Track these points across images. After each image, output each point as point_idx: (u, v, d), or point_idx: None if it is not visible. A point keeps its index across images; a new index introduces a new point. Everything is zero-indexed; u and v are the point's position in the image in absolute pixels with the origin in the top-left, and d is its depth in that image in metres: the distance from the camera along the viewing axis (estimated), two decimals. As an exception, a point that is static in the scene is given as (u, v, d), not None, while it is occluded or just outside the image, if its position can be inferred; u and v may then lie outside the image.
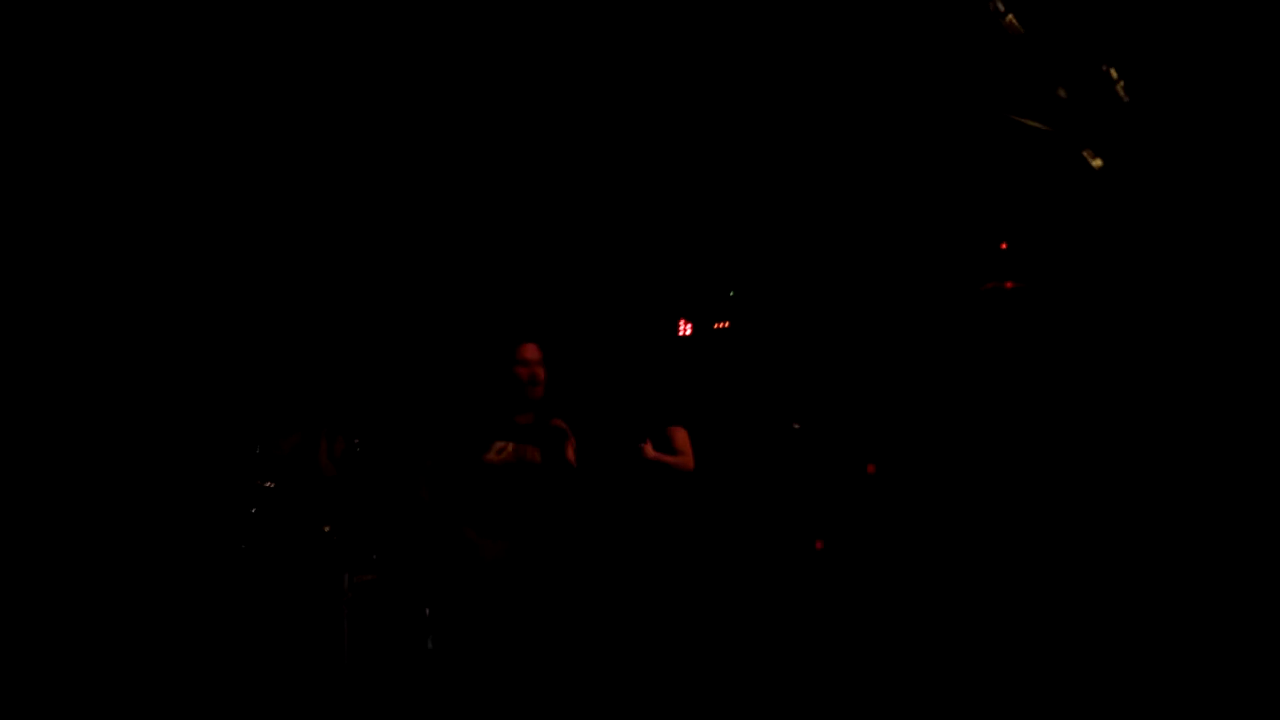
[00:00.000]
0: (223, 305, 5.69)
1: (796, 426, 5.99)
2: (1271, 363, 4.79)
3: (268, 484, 4.66)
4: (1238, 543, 4.77)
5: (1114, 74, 4.59)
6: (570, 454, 4.68)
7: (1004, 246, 6.24)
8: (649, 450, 5.24)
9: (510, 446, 4.61)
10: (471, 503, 4.54)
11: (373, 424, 4.93)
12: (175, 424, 5.32)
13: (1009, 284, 6.22)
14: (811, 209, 6.66)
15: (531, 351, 4.60)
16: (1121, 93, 4.63)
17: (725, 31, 5.42)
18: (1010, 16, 4.42)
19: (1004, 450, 5.88)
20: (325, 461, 4.83)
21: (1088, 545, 5.20)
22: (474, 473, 4.57)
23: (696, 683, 4.55)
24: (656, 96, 5.89)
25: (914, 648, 4.90)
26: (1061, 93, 4.82)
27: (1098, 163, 5.07)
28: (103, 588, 4.61)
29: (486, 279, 6.61)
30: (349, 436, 4.79)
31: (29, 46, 4.77)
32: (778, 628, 5.29)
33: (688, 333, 7.00)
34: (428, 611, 4.43)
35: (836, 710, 4.23)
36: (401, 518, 4.60)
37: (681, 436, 5.45)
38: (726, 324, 6.93)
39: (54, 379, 5.07)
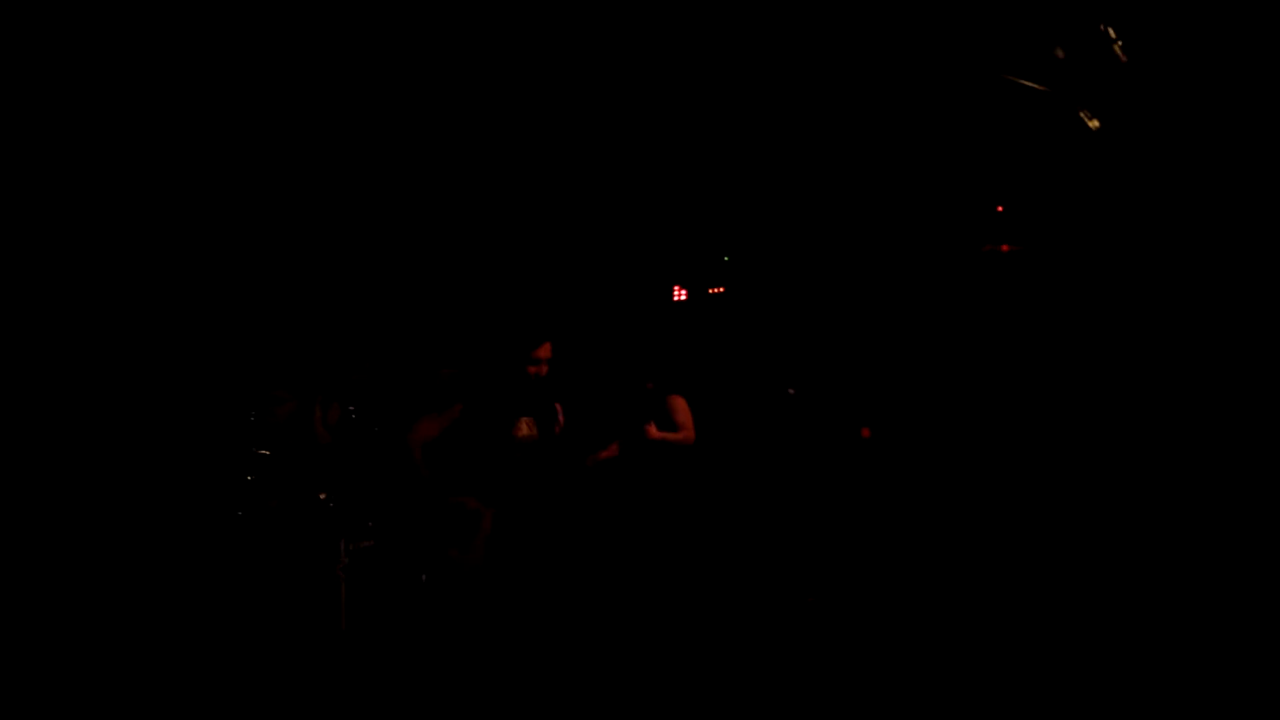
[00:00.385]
0: (219, 273, 5.67)
1: (791, 391, 5.99)
2: (1266, 322, 4.79)
3: (263, 451, 4.67)
4: (1233, 501, 4.80)
5: (1111, 33, 4.55)
6: (560, 418, 4.73)
7: (1000, 209, 6.21)
8: (652, 431, 5.29)
9: (521, 421, 4.67)
10: (472, 473, 4.57)
11: (368, 391, 4.93)
12: (171, 391, 5.32)
13: (1005, 247, 6.21)
14: (806, 172, 6.62)
15: (546, 351, 4.65)
16: (1119, 53, 4.58)
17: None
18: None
19: (999, 413, 5.89)
20: (321, 429, 4.83)
21: (1082, 509, 5.22)
22: (477, 445, 4.60)
23: (700, 652, 4.58)
24: (649, 65, 5.83)
25: (910, 614, 4.94)
26: (1059, 53, 4.77)
27: (1095, 124, 5.03)
28: (97, 555, 4.62)
29: (480, 246, 6.59)
30: (344, 404, 4.80)
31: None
32: (775, 598, 5.32)
33: (683, 298, 6.99)
34: (424, 578, 4.45)
35: (837, 673, 4.27)
36: (398, 485, 4.61)
37: (682, 408, 5.46)
38: (721, 289, 6.93)
39: (48, 346, 5.06)
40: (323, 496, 4.51)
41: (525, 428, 4.71)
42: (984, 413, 5.95)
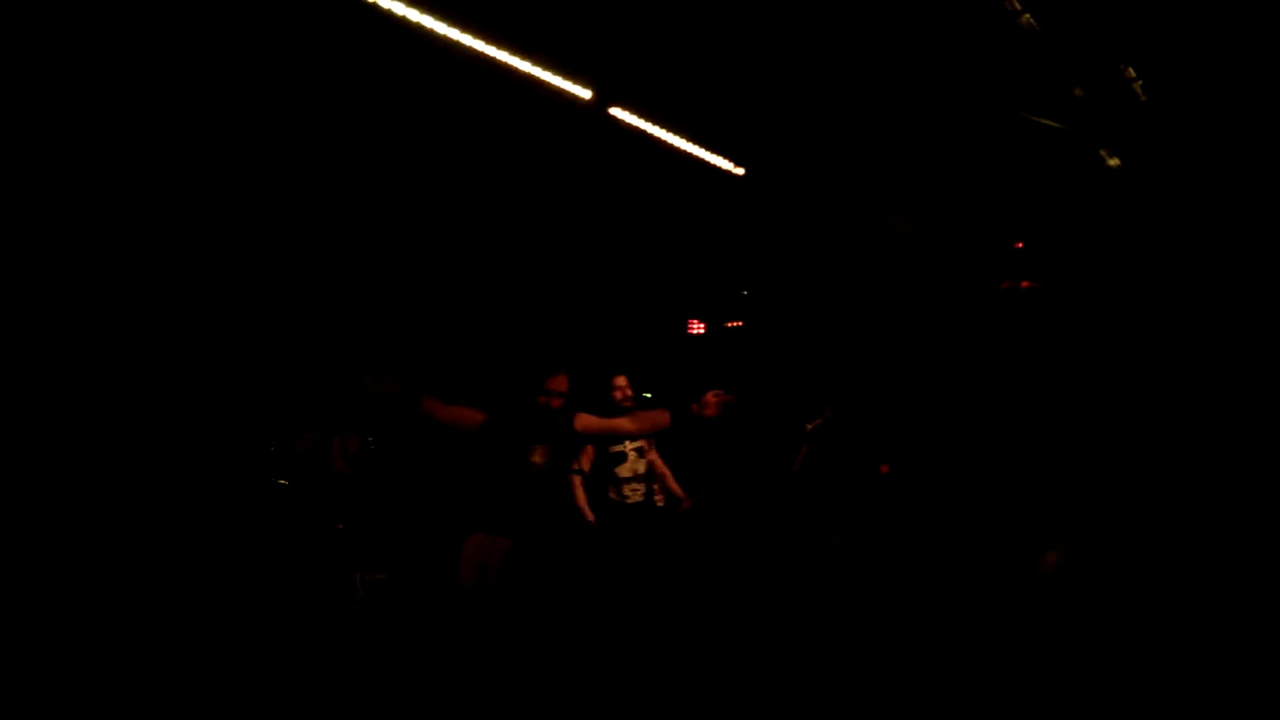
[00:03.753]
0: (240, 306, 5.72)
1: (809, 427, 5.98)
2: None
3: (282, 482, 4.69)
4: (1249, 535, 4.74)
5: (1131, 73, 4.56)
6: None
7: (1019, 246, 6.21)
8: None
9: (537, 449, 4.67)
10: (484, 502, 4.57)
11: (386, 423, 4.95)
12: (192, 423, 5.36)
13: (1025, 283, 6.19)
14: (826, 208, 6.65)
15: (560, 384, 4.64)
16: (1139, 91, 4.59)
17: (735, 28, 5.40)
18: (1026, 15, 4.39)
19: (1019, 451, 5.85)
20: (338, 460, 4.85)
21: (1102, 544, 5.17)
22: (491, 474, 4.60)
23: (707, 674, 4.56)
24: (665, 95, 5.88)
25: (925, 648, 4.89)
26: (1078, 91, 4.79)
27: (1114, 162, 5.04)
28: (117, 585, 4.63)
29: (500, 279, 6.63)
30: (362, 435, 4.81)
31: (31, 47, 4.79)
32: (789, 627, 5.28)
33: (701, 332, 7.01)
34: (444, 607, 4.44)
35: (846, 706, 4.23)
36: (413, 516, 4.62)
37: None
38: (740, 323, 6.94)
39: (71, 380, 5.10)
40: (340, 527, 4.52)
41: (539, 456, 4.71)
42: (1005, 450, 5.91)
